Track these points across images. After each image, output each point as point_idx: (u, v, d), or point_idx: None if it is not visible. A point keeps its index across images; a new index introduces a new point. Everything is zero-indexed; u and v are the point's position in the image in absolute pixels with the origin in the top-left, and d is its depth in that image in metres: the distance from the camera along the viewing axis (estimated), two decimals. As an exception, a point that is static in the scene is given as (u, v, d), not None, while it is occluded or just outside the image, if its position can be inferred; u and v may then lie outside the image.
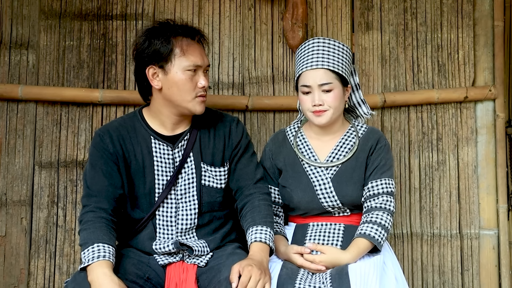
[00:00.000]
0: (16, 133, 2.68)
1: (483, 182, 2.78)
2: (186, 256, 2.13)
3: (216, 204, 2.21)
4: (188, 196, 2.17)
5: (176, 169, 2.16)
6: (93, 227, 2.00)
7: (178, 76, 2.09)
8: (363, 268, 2.00)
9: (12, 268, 2.65)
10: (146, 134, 2.18)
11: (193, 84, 2.11)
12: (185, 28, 2.15)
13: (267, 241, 2.04)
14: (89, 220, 2.02)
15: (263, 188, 2.23)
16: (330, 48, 2.21)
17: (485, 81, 2.80)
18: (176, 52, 2.09)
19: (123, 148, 2.16)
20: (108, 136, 2.16)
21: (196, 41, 2.15)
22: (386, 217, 2.15)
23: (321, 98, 2.18)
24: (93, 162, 2.14)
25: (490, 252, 2.76)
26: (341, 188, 2.21)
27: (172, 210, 2.16)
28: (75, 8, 2.75)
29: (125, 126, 2.20)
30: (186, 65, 2.09)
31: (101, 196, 2.08)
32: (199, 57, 2.11)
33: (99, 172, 2.12)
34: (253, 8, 2.83)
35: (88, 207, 2.06)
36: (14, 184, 2.67)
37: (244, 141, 2.27)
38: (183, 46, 2.10)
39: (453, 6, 2.83)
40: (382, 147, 2.26)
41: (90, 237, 1.97)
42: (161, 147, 2.18)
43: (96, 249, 1.92)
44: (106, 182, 2.10)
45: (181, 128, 2.21)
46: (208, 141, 2.22)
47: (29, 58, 2.71)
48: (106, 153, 2.14)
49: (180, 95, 2.11)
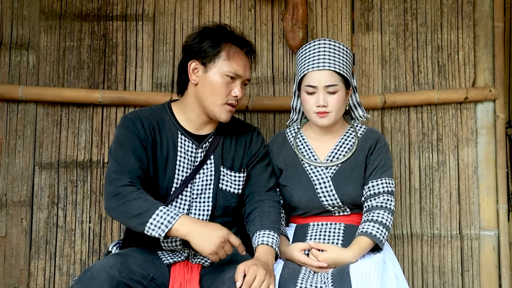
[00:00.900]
0: (16, 133, 2.68)
1: (483, 183, 2.78)
2: (192, 255, 2.14)
3: (230, 209, 2.23)
4: (204, 197, 2.18)
5: (195, 167, 2.18)
6: (144, 196, 1.95)
7: (215, 78, 2.13)
8: (364, 267, 2.01)
9: (12, 268, 2.65)
10: (173, 128, 2.20)
11: (227, 90, 2.14)
12: (237, 37, 2.21)
13: (273, 245, 2.06)
14: (133, 191, 1.96)
15: (274, 196, 2.26)
16: (336, 50, 2.23)
17: (485, 82, 2.80)
18: (221, 55, 2.13)
19: (153, 136, 2.15)
20: (140, 122, 2.15)
21: (244, 52, 2.19)
22: (387, 215, 2.16)
23: (326, 100, 2.19)
24: (122, 143, 2.09)
25: (490, 252, 2.76)
26: (341, 186, 2.22)
27: (185, 208, 2.16)
28: (76, 8, 2.75)
29: (155, 116, 2.20)
30: (227, 70, 2.13)
31: (133, 174, 2.03)
32: (241, 67, 2.15)
33: (130, 152, 2.07)
34: (253, 9, 2.83)
35: (123, 181, 1.98)
36: (14, 184, 2.67)
37: (262, 151, 2.31)
38: (230, 52, 2.14)
39: (453, 7, 2.83)
40: (382, 147, 2.28)
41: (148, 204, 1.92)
42: (187, 144, 2.19)
43: (168, 209, 1.90)
44: (137, 163, 2.06)
45: (206, 130, 2.23)
46: (229, 147, 2.25)
47: (29, 58, 2.71)
48: (138, 136, 2.11)
49: (211, 96, 2.14)
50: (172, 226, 1.88)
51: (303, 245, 2.16)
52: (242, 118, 2.77)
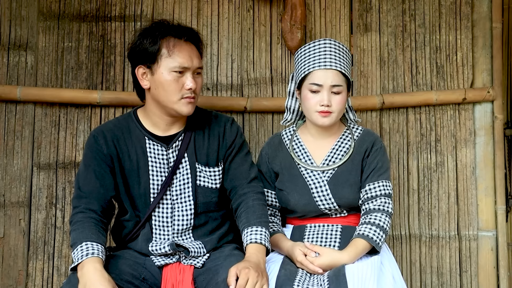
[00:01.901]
0: (15, 134, 2.68)
1: (482, 184, 2.78)
2: (183, 257, 2.13)
3: (212, 204, 2.20)
4: (184, 196, 2.16)
5: (171, 170, 2.15)
6: (81, 227, 2.01)
7: (163, 77, 2.08)
8: (360, 269, 2.00)
9: (10, 269, 2.64)
10: (140, 135, 2.18)
11: (179, 85, 2.09)
12: (174, 28, 2.12)
13: (262, 242, 2.03)
14: (78, 221, 2.03)
15: (256, 187, 2.21)
16: (341, 50, 2.22)
17: (483, 83, 2.81)
18: (163, 53, 2.07)
19: (117, 148, 2.15)
20: (102, 137, 2.15)
21: (184, 41, 2.11)
22: (384, 218, 2.15)
23: (330, 99, 2.18)
24: (86, 163, 2.14)
25: (488, 253, 2.76)
26: (337, 190, 2.21)
27: (168, 211, 2.15)
28: (74, 9, 2.75)
29: (120, 126, 2.19)
30: (172, 66, 2.07)
31: (92, 198, 2.09)
32: (186, 59, 2.08)
33: (91, 173, 2.12)
34: (251, 9, 2.83)
35: (78, 209, 2.07)
36: (13, 185, 2.66)
37: (238, 141, 2.25)
38: (170, 46, 2.07)
39: (452, 8, 2.84)
40: (378, 150, 2.26)
41: (79, 236, 1.98)
42: (155, 148, 2.17)
43: (85, 247, 1.93)
44: (98, 183, 2.10)
45: (175, 129, 2.20)
46: (202, 142, 2.21)
47: (27, 59, 2.71)
48: (99, 154, 2.13)
49: (165, 95, 2.09)
50: (78, 264, 1.91)
51: (304, 248, 2.13)
52: (240, 119, 2.77)
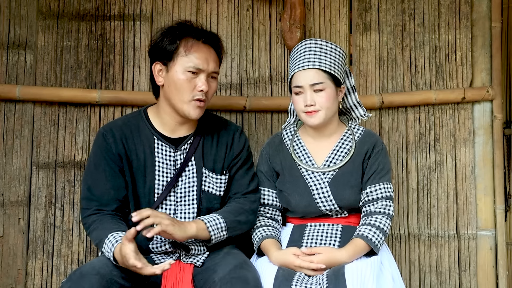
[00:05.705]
0: (14, 133, 2.68)
1: (481, 183, 2.78)
2: (183, 255, 2.14)
3: (214, 210, 2.21)
4: (188, 199, 2.18)
5: (177, 171, 2.16)
6: (100, 224, 2.04)
7: (177, 76, 2.11)
8: (359, 268, 2.00)
9: (10, 268, 2.64)
10: (149, 134, 2.19)
11: (191, 86, 2.11)
12: (195, 29, 2.17)
13: (205, 220, 2.08)
14: (94, 221, 2.07)
15: (250, 197, 2.25)
16: (322, 48, 2.22)
17: (482, 82, 2.81)
18: (180, 52, 2.11)
19: (126, 147, 2.16)
20: (111, 135, 2.16)
21: (203, 43, 2.14)
22: (385, 221, 2.15)
23: (313, 98, 2.18)
24: (95, 162, 2.16)
25: (487, 252, 2.76)
26: (338, 192, 2.21)
27: (171, 212, 2.16)
28: (73, 8, 2.74)
29: (129, 125, 2.20)
30: (187, 66, 2.10)
31: (103, 200, 2.11)
32: (202, 60, 2.11)
33: (102, 173, 2.13)
34: (251, 9, 2.83)
35: (89, 211, 2.10)
36: (12, 184, 2.66)
37: (244, 154, 2.28)
38: (188, 46, 2.11)
39: (451, 7, 2.84)
40: (379, 151, 2.26)
41: (100, 234, 2.01)
42: (164, 148, 2.18)
43: (112, 238, 1.96)
44: (108, 185, 2.12)
45: (184, 131, 2.21)
46: (210, 148, 2.23)
47: (26, 58, 2.71)
48: (109, 154, 2.14)
49: (177, 94, 2.12)
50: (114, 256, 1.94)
51: (297, 251, 2.10)
52: (240, 118, 2.77)
